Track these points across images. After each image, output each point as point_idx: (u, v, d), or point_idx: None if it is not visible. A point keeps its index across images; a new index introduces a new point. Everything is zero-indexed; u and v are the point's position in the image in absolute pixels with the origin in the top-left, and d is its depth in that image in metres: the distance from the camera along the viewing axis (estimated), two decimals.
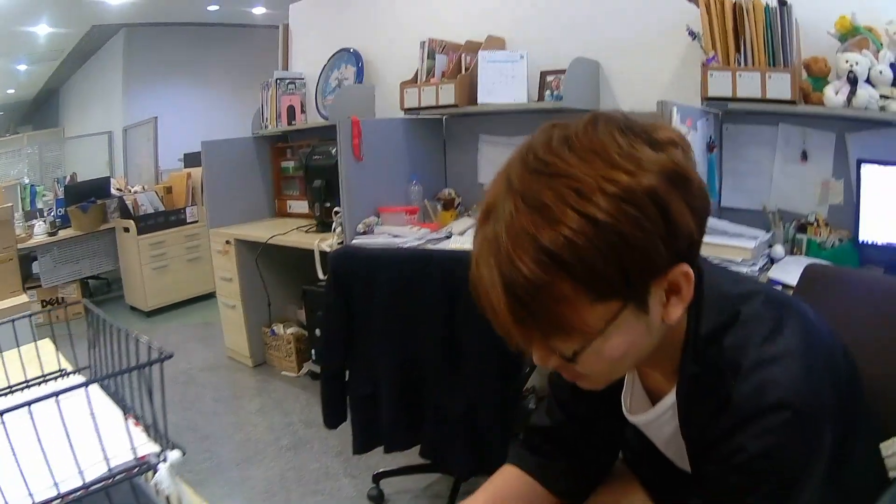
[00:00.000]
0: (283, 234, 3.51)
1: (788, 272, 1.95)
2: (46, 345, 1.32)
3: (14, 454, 0.72)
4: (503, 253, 0.67)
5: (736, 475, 0.74)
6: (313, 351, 3.63)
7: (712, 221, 2.30)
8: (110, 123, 8.99)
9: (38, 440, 0.73)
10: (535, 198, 0.67)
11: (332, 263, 2.04)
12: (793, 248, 2.29)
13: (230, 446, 3.01)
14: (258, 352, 3.99)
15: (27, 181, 7.21)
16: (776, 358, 0.74)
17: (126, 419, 0.92)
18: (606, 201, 0.65)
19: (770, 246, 2.23)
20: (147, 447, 0.85)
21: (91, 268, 5.58)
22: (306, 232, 3.52)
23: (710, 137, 2.38)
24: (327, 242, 3.13)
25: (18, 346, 1.19)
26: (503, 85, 2.86)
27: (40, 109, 11.50)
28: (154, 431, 0.87)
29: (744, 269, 2.03)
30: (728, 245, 2.08)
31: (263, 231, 3.66)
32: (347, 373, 2.13)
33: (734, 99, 2.23)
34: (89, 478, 0.78)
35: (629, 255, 0.66)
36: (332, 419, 2.17)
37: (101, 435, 0.78)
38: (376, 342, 2.02)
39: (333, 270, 2.03)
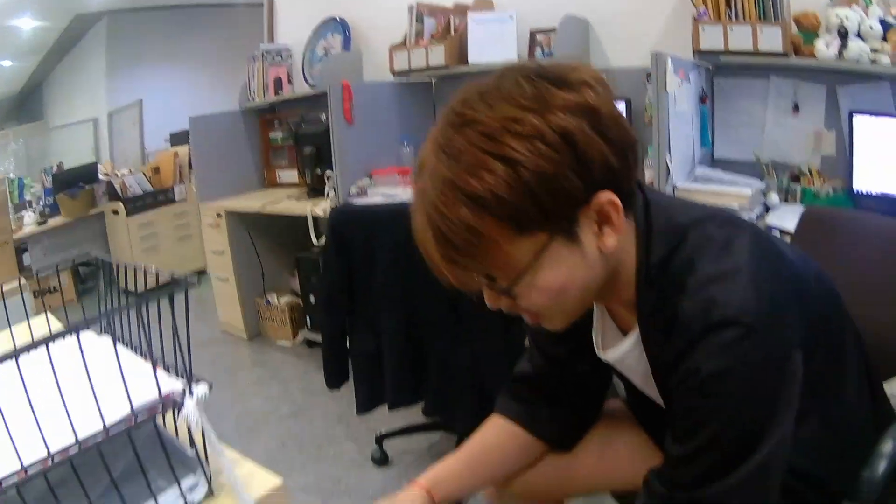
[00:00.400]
0: (275, 202, 3.49)
1: (786, 218, 1.97)
2: (53, 320, 1.30)
3: (28, 399, 0.67)
4: (430, 201, 0.73)
5: (694, 398, 0.74)
6: (308, 318, 3.63)
7: (707, 171, 2.32)
8: (95, 111, 8.88)
9: (56, 380, 0.69)
10: (453, 147, 0.72)
11: (331, 221, 2.04)
12: (787, 197, 2.31)
13: (230, 419, 3.00)
14: (252, 323, 3.97)
15: (13, 176, 7.10)
16: (723, 274, 0.74)
17: (146, 360, 0.90)
18: (514, 140, 0.69)
19: (765, 194, 2.25)
20: (170, 385, 0.82)
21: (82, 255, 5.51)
22: (297, 199, 3.49)
23: (702, 90, 2.39)
24: (321, 207, 3.13)
25: (27, 315, 1.18)
26: (493, 45, 2.85)
27: (24, 105, 11.28)
28: (176, 369, 0.84)
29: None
30: (724, 192, 2.09)
31: (254, 202, 3.63)
32: (348, 332, 2.14)
33: (726, 52, 2.24)
34: (110, 421, 0.73)
35: (542, 188, 0.70)
36: (333, 379, 2.17)
37: (122, 374, 0.74)
38: (378, 298, 2.01)
39: (332, 228, 2.03)
